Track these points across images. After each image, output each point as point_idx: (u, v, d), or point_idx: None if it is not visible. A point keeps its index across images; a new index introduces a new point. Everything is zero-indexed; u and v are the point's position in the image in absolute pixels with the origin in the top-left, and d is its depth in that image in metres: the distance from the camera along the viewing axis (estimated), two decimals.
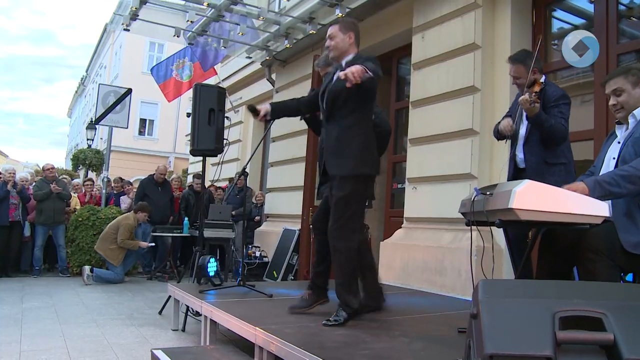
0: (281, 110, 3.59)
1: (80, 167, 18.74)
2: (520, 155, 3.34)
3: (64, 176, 10.25)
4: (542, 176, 3.01)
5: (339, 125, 3.14)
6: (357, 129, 3.12)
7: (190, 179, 13.05)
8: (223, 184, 9.96)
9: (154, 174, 8.45)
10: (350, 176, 3.09)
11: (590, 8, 4.94)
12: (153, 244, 7.84)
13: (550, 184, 2.76)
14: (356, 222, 3.17)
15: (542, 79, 3.29)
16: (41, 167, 8.69)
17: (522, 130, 3.34)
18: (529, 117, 3.20)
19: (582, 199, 2.20)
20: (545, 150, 3.20)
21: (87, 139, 16.74)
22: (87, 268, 7.13)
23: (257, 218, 9.26)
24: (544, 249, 2.77)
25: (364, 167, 3.11)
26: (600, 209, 2.16)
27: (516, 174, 3.36)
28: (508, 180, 3.30)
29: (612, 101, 2.62)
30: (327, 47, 3.27)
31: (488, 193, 2.44)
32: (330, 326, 2.96)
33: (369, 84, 2.93)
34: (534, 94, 3.12)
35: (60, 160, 48.04)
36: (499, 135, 3.46)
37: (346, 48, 3.21)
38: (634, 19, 4.85)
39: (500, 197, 2.26)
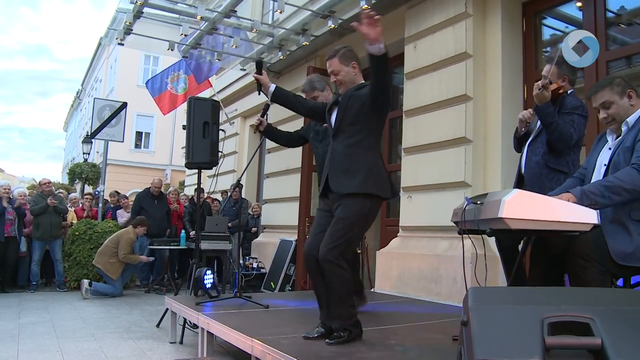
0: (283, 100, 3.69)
1: (77, 181, 18.75)
2: (523, 157, 3.18)
3: (61, 190, 10.23)
4: (540, 179, 2.98)
5: (347, 141, 2.95)
6: (367, 146, 2.94)
7: (189, 191, 13.05)
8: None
9: (150, 187, 8.50)
10: (358, 194, 2.84)
11: (579, 15, 5.00)
12: (153, 258, 7.86)
13: (547, 189, 2.78)
14: (349, 248, 2.95)
15: (570, 91, 3.14)
16: (37, 182, 8.68)
17: (533, 134, 3.18)
18: (536, 106, 3.04)
19: (570, 207, 2.21)
20: (549, 153, 3.03)
21: (84, 153, 16.79)
22: (85, 282, 7.12)
23: (254, 229, 9.27)
24: (536, 256, 2.78)
25: (372, 187, 2.87)
26: (589, 216, 2.18)
27: (519, 181, 3.19)
28: (514, 187, 3.17)
29: (602, 114, 2.57)
30: (334, 82, 3.09)
31: (479, 202, 2.45)
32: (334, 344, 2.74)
33: (383, 99, 2.87)
34: (549, 84, 2.99)
35: (56, 174, 48.05)
36: (517, 136, 3.28)
37: (353, 79, 3.08)
38: (622, 25, 4.92)
39: (490, 207, 2.27)
